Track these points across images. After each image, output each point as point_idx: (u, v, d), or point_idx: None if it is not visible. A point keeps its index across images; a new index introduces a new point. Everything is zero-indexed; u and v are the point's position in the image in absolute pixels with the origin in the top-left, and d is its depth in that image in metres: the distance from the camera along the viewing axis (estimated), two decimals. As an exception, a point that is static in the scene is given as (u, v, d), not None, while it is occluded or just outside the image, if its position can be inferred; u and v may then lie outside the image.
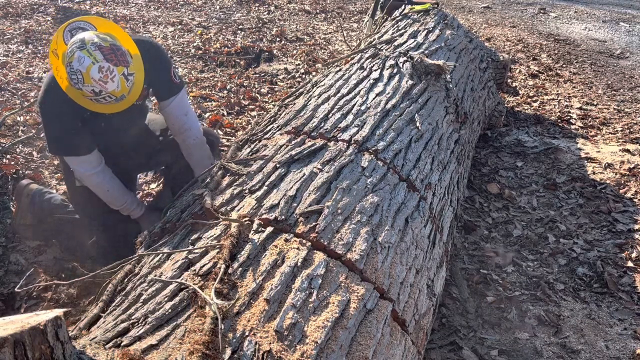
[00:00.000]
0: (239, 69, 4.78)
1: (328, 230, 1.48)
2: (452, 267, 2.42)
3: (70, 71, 1.68)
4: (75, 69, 1.67)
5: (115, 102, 1.80)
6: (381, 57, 2.65)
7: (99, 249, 2.28)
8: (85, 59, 1.66)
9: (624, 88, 4.93)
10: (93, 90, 1.71)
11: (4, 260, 2.32)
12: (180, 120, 2.19)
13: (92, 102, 1.79)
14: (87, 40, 1.69)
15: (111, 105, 1.83)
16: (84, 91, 1.72)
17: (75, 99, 1.81)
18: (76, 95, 1.80)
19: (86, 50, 1.67)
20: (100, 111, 1.86)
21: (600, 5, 8.64)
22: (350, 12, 7.24)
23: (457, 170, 2.42)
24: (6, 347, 0.79)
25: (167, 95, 2.12)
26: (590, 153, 3.51)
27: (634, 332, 2.12)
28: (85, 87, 1.70)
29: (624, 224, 2.79)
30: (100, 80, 1.68)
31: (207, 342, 1.07)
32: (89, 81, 1.68)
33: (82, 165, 2.07)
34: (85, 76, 1.67)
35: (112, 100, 1.77)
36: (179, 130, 2.23)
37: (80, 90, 1.72)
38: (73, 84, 1.71)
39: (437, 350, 2.01)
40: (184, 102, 2.20)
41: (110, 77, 1.70)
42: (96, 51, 1.68)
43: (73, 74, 1.68)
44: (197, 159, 2.28)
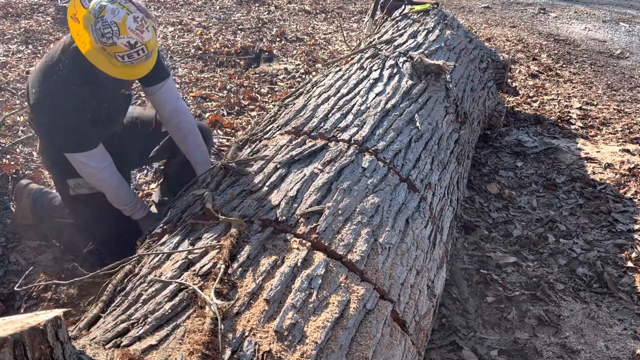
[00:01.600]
0: (239, 69, 4.78)
1: (329, 231, 1.48)
2: (452, 267, 2.42)
3: (102, 26, 1.64)
4: (109, 21, 1.64)
5: (145, 59, 1.76)
6: (381, 57, 2.65)
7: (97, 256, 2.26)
8: (119, 10, 1.65)
9: (624, 88, 4.93)
10: (129, 42, 1.67)
11: (4, 260, 2.32)
12: (173, 104, 2.15)
13: (121, 61, 1.73)
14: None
15: (136, 66, 1.78)
16: (118, 45, 1.67)
17: (97, 62, 1.74)
18: (99, 59, 1.74)
19: (118, 2, 1.66)
20: (121, 76, 1.79)
21: (600, 5, 8.64)
22: (350, 12, 7.24)
23: (457, 170, 2.42)
24: (6, 347, 0.79)
25: (159, 78, 2.09)
26: (590, 153, 3.51)
27: (634, 332, 2.12)
28: (121, 40, 1.66)
29: (624, 224, 2.79)
30: (137, 29, 1.67)
31: (207, 343, 1.07)
32: (125, 32, 1.65)
33: (92, 160, 1.97)
34: (122, 27, 1.65)
35: (143, 55, 1.73)
36: (172, 114, 2.16)
37: (114, 45, 1.67)
38: (106, 39, 1.66)
39: (437, 350, 2.01)
40: (174, 86, 2.18)
41: (145, 27, 1.69)
42: (127, 3, 1.68)
43: (107, 28, 1.64)
44: (192, 145, 2.22)
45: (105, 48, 1.70)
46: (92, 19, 1.67)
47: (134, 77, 1.86)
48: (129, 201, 2.13)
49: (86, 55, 1.74)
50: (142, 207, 2.19)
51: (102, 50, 1.71)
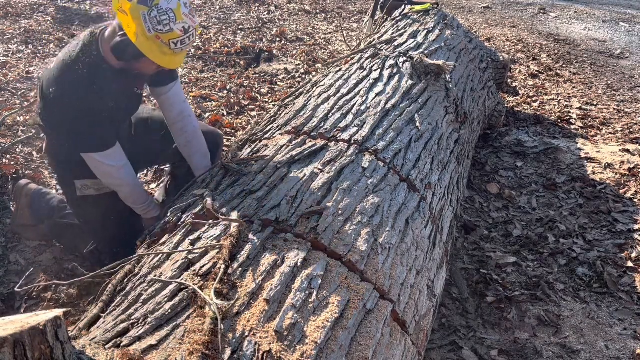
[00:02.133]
0: (239, 69, 4.78)
1: (329, 231, 1.48)
2: (452, 267, 2.42)
3: (158, 14, 1.67)
4: (165, 8, 1.68)
5: (192, 43, 1.81)
6: (381, 57, 2.65)
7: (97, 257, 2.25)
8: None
9: (624, 88, 4.93)
10: (184, 27, 1.72)
11: (4, 260, 2.32)
12: (180, 107, 2.17)
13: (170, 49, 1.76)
14: None
15: (178, 55, 1.82)
16: (174, 32, 1.71)
17: (149, 52, 1.76)
18: (151, 48, 1.75)
19: None
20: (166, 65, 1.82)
21: (600, 5, 8.64)
22: (350, 12, 7.24)
23: (457, 170, 2.42)
24: (6, 347, 0.79)
25: (169, 80, 2.12)
26: (590, 153, 3.51)
27: (634, 332, 2.12)
28: (177, 25, 1.70)
29: (624, 224, 2.79)
30: (189, 14, 1.71)
31: (207, 343, 1.07)
32: (181, 17, 1.70)
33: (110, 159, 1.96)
34: (177, 13, 1.69)
35: (193, 40, 1.78)
36: (179, 117, 2.18)
37: (171, 31, 1.70)
38: (162, 26, 1.69)
39: (437, 350, 2.01)
40: (181, 89, 2.21)
41: (193, 12, 1.75)
42: None
43: (163, 15, 1.68)
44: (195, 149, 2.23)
45: (159, 36, 1.72)
46: (143, 8, 1.69)
47: (174, 66, 1.88)
48: (144, 200, 2.13)
49: (137, 45, 1.76)
50: (155, 207, 2.18)
51: (156, 38, 1.73)
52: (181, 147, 2.26)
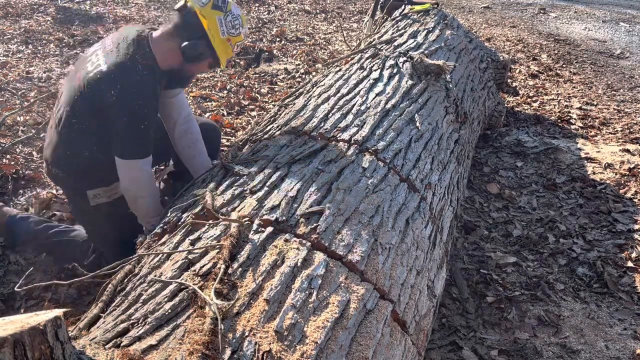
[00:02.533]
0: (239, 69, 4.78)
1: (329, 231, 1.47)
2: (452, 267, 2.42)
3: (232, 18, 1.82)
4: (236, 14, 1.82)
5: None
6: (381, 57, 2.65)
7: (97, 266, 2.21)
8: (235, 4, 1.84)
9: (624, 88, 4.93)
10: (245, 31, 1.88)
11: (4, 260, 2.32)
12: (187, 110, 2.23)
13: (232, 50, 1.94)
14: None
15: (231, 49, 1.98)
16: (240, 34, 1.88)
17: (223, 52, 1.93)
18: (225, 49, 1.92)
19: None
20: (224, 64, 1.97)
21: (600, 5, 8.64)
22: (350, 12, 7.24)
23: (457, 170, 2.42)
24: (6, 347, 0.79)
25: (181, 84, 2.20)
26: (590, 153, 3.51)
27: (634, 332, 2.12)
28: (243, 30, 1.87)
29: (624, 224, 2.79)
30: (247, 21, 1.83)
31: (207, 343, 1.07)
32: (245, 23, 1.86)
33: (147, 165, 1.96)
34: (243, 18, 1.85)
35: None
36: (185, 119, 2.22)
37: (239, 34, 1.87)
38: (235, 30, 1.84)
39: (437, 350, 2.01)
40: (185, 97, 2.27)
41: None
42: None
43: (236, 20, 1.82)
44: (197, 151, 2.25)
45: (230, 39, 1.87)
46: (219, 13, 1.83)
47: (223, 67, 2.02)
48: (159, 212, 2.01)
49: (215, 46, 1.90)
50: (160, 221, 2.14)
51: (227, 41, 1.88)
52: (184, 148, 2.26)
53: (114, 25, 5.59)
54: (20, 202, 2.66)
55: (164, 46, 1.93)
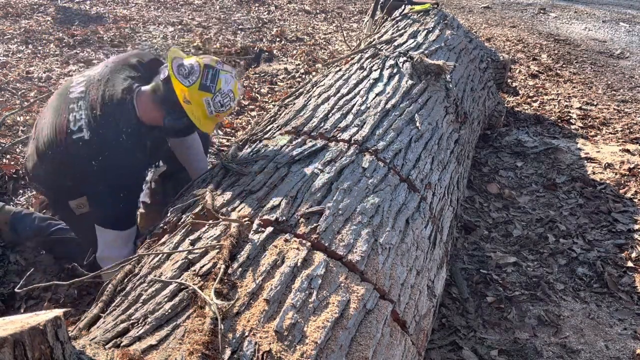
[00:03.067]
0: (239, 69, 4.78)
1: (329, 232, 1.47)
2: (452, 267, 2.42)
3: (222, 97, 1.72)
4: (226, 91, 1.72)
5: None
6: (381, 57, 2.65)
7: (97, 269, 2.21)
8: (228, 77, 1.72)
9: (624, 88, 4.93)
10: (237, 100, 1.77)
11: (4, 260, 2.32)
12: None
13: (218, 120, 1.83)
14: (210, 61, 1.73)
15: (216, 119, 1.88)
16: (231, 107, 1.76)
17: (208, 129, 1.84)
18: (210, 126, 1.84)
19: (221, 70, 1.72)
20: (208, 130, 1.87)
21: (600, 5, 8.64)
22: (350, 12, 7.24)
23: (457, 170, 2.41)
24: (6, 347, 0.79)
25: None
26: (590, 153, 3.51)
27: (634, 332, 2.12)
28: (233, 102, 1.76)
29: (624, 224, 2.79)
30: (240, 88, 1.77)
31: (207, 343, 1.07)
32: (237, 94, 1.76)
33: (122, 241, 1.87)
34: (235, 91, 1.74)
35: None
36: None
37: (230, 107, 1.75)
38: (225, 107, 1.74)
39: (437, 350, 2.01)
40: None
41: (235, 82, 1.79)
42: (219, 63, 1.74)
43: (225, 97, 1.72)
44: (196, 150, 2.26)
45: (219, 115, 1.77)
46: (206, 95, 1.72)
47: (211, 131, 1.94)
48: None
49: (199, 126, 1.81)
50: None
51: (215, 117, 1.79)
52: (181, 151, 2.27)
53: (114, 25, 5.59)
54: (20, 202, 2.66)
55: (149, 108, 1.85)
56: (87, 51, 4.77)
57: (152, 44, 5.15)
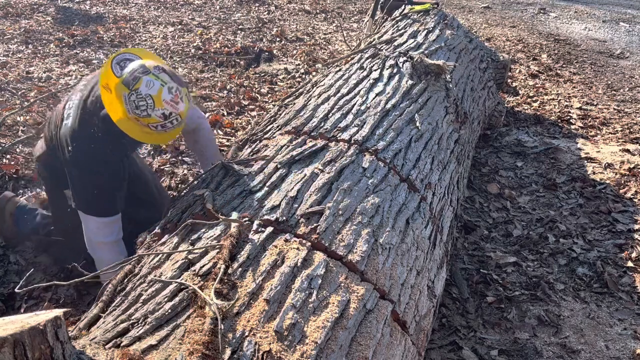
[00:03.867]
0: (239, 69, 4.78)
1: (329, 232, 1.47)
2: (452, 267, 2.42)
3: (137, 98, 1.63)
4: (144, 94, 1.63)
5: (178, 125, 1.75)
6: (381, 57, 2.65)
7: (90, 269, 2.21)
8: (154, 82, 1.63)
9: (624, 88, 4.93)
10: (163, 113, 1.66)
11: (4, 260, 2.32)
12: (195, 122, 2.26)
13: (153, 130, 1.72)
14: (148, 65, 1.66)
15: (167, 133, 1.78)
16: (152, 117, 1.66)
17: (129, 131, 1.74)
18: (132, 128, 1.73)
19: (152, 74, 1.64)
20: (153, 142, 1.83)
21: (600, 5, 8.64)
22: (350, 12, 7.24)
23: (457, 170, 2.42)
24: (6, 347, 0.79)
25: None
26: (590, 153, 3.51)
27: (634, 332, 2.12)
28: (155, 112, 1.65)
29: (624, 224, 2.79)
30: (172, 101, 1.65)
31: (207, 343, 1.07)
32: (160, 104, 1.64)
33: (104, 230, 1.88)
34: (157, 99, 1.63)
35: (177, 123, 1.72)
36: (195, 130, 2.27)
37: (149, 117, 1.66)
38: (140, 112, 1.65)
39: (437, 350, 2.01)
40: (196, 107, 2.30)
41: (179, 97, 1.68)
42: (162, 73, 1.66)
43: (141, 100, 1.63)
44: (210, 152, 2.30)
45: (138, 119, 1.69)
46: (125, 90, 1.65)
47: (165, 142, 1.87)
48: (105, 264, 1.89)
49: (117, 123, 1.73)
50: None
51: (136, 120, 1.70)
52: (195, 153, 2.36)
53: (114, 25, 5.59)
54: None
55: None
56: (87, 51, 4.77)
57: (152, 44, 5.15)
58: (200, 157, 2.35)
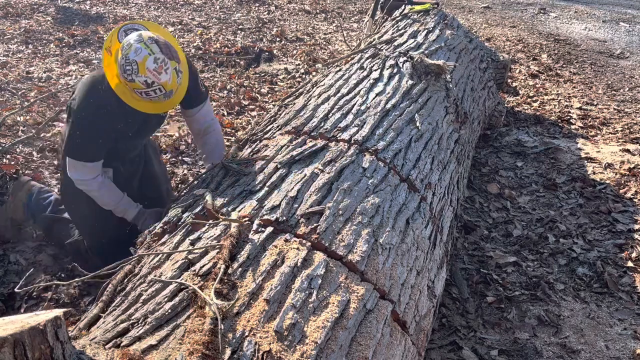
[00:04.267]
0: (239, 69, 4.78)
1: (329, 232, 1.47)
2: (452, 267, 2.42)
3: (125, 62, 1.74)
4: (131, 59, 1.73)
5: (163, 98, 1.84)
6: (381, 57, 2.65)
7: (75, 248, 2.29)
8: (143, 50, 1.73)
9: (624, 88, 4.93)
10: (146, 81, 1.76)
11: (4, 260, 2.32)
12: (206, 123, 2.29)
13: (140, 97, 1.83)
14: (145, 35, 1.78)
15: (157, 103, 1.88)
16: (136, 83, 1.76)
17: (122, 95, 1.86)
18: (124, 92, 1.85)
19: (143, 43, 1.75)
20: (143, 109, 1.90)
21: (600, 5, 8.64)
22: (350, 12, 7.24)
23: (457, 170, 2.42)
24: (6, 347, 0.79)
25: (197, 103, 2.22)
26: (590, 153, 3.51)
27: (634, 332, 2.12)
28: (139, 78, 1.75)
29: (624, 224, 2.79)
30: (154, 70, 1.75)
31: (207, 343, 1.07)
32: (144, 72, 1.74)
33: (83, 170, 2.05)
34: (141, 66, 1.74)
35: (160, 94, 1.82)
36: (205, 131, 2.30)
37: (133, 82, 1.77)
38: (126, 75, 1.76)
39: (437, 350, 2.01)
40: (209, 108, 2.30)
41: (164, 69, 1.77)
42: (153, 44, 1.76)
43: (128, 65, 1.74)
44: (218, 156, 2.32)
45: (126, 83, 1.80)
46: (120, 54, 1.78)
47: (155, 112, 1.94)
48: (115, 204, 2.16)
49: (110, 83, 1.85)
50: (132, 206, 2.21)
51: (125, 84, 1.82)
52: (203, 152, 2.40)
53: (114, 25, 5.59)
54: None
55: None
56: (87, 51, 4.77)
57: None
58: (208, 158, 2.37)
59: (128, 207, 2.19)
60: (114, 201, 2.16)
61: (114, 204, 2.16)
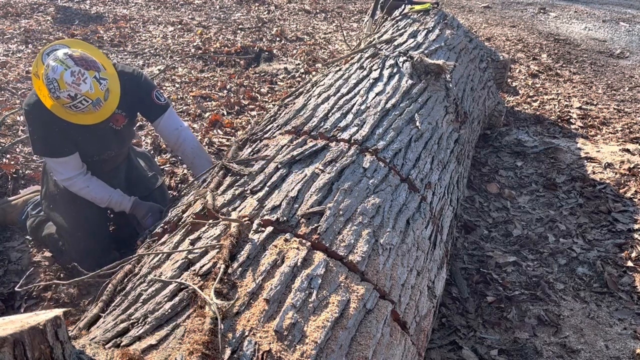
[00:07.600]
0: (239, 68, 4.78)
1: (330, 232, 1.47)
2: (452, 267, 2.42)
3: (47, 82, 1.81)
4: (51, 78, 1.79)
5: (93, 107, 1.88)
6: (381, 56, 2.65)
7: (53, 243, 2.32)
8: (58, 67, 1.79)
9: (624, 88, 4.93)
10: (69, 94, 1.81)
11: (4, 260, 2.32)
12: (173, 135, 2.31)
13: (72, 110, 1.88)
14: (60, 53, 1.84)
15: (90, 114, 1.93)
16: (61, 99, 1.82)
17: (58, 113, 1.92)
18: (59, 110, 1.91)
19: (59, 60, 1.81)
20: (81, 122, 1.95)
21: (600, 5, 8.64)
22: (350, 12, 7.24)
23: (457, 169, 2.41)
24: (6, 346, 0.79)
25: (155, 116, 2.26)
26: (590, 153, 3.51)
27: (634, 332, 2.12)
28: (62, 94, 1.81)
29: (624, 224, 2.79)
30: (73, 83, 1.80)
31: (207, 342, 1.07)
32: (64, 86, 1.80)
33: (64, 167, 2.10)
34: (60, 82, 1.79)
35: (88, 104, 1.86)
36: (176, 143, 2.33)
37: (59, 98, 1.82)
38: (52, 94, 1.82)
39: (437, 350, 2.01)
40: (173, 118, 2.31)
41: (82, 79, 1.82)
42: (67, 59, 1.81)
43: (50, 84, 1.80)
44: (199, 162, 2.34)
45: (56, 101, 1.86)
46: (43, 76, 1.84)
47: (94, 122, 1.99)
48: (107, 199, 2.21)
49: (46, 105, 1.91)
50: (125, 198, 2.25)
51: (56, 101, 1.87)
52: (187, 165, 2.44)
53: (114, 24, 5.59)
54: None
55: None
56: (87, 51, 4.77)
57: (151, 43, 5.14)
58: (192, 168, 2.41)
59: (122, 200, 2.23)
60: (106, 195, 2.20)
61: (107, 198, 2.20)
